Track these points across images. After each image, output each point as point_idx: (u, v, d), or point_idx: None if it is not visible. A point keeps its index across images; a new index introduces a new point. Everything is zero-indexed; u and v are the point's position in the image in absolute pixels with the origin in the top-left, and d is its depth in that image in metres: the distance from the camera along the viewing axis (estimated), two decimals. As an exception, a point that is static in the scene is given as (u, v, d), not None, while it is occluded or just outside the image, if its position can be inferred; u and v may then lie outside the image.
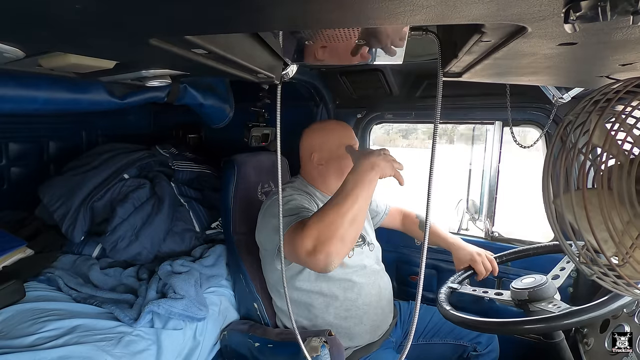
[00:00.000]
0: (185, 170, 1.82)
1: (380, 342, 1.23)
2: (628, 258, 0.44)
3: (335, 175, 1.21)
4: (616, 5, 0.29)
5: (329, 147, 1.21)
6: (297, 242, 0.89)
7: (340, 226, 0.88)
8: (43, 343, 0.98)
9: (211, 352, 1.29)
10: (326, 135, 1.22)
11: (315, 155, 1.21)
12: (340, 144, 1.19)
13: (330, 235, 0.87)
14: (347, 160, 1.18)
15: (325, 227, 0.88)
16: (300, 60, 0.81)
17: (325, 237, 0.87)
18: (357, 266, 1.19)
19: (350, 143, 1.20)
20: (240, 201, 1.40)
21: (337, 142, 1.20)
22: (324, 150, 1.21)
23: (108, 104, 1.18)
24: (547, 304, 0.91)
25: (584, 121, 0.47)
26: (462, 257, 1.23)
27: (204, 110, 1.62)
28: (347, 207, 0.90)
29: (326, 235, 0.88)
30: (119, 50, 0.57)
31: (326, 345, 1.00)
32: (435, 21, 0.38)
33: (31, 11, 0.32)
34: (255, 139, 1.67)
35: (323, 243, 0.87)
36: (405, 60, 0.81)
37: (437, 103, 0.60)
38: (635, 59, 0.51)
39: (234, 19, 0.38)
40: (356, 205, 0.91)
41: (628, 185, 0.42)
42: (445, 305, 1.02)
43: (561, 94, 1.02)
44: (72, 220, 1.47)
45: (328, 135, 1.22)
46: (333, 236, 0.87)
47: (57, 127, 1.85)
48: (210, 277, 1.40)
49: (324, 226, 0.89)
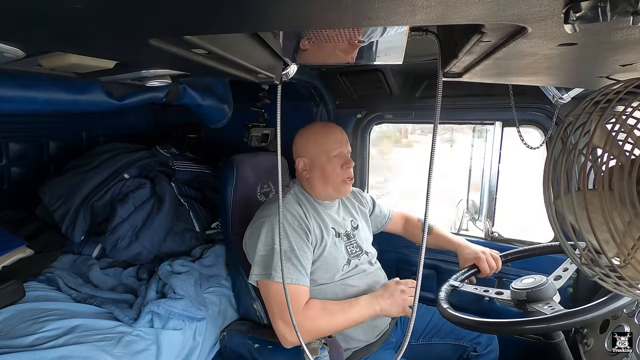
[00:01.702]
0: (186, 170, 1.81)
1: (381, 343, 1.23)
2: (629, 259, 0.44)
3: (319, 182, 1.18)
4: (616, 6, 0.29)
5: (311, 154, 1.18)
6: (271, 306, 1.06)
7: (326, 330, 1.04)
8: (43, 343, 0.98)
9: (211, 353, 1.29)
10: (309, 141, 1.19)
11: (300, 162, 1.20)
12: (324, 149, 1.16)
13: (310, 330, 1.02)
14: (331, 168, 1.16)
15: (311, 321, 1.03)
16: (301, 60, 0.81)
17: (305, 330, 1.00)
18: (355, 271, 1.20)
19: (333, 148, 1.16)
20: (240, 202, 1.40)
21: (320, 148, 1.17)
22: (307, 156, 1.18)
23: (106, 105, 1.18)
24: (543, 305, 0.91)
25: (584, 122, 0.47)
26: (467, 256, 1.23)
27: (203, 110, 1.62)
28: (341, 324, 1.06)
29: (306, 328, 1.01)
30: (119, 50, 0.57)
31: (325, 347, 1.01)
32: (435, 21, 0.38)
33: (31, 11, 0.32)
34: (255, 139, 1.67)
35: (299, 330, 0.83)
36: (405, 60, 0.82)
37: (437, 103, 0.60)
38: (636, 60, 0.51)
39: (234, 19, 0.38)
40: (347, 325, 1.08)
41: (629, 186, 0.42)
42: (445, 306, 1.01)
43: (561, 94, 1.02)
44: (72, 220, 1.47)
45: (311, 141, 1.19)
46: (312, 331, 1.03)
47: (57, 127, 1.85)
48: (209, 277, 1.40)
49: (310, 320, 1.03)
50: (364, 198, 1.43)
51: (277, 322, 1.04)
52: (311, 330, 1.02)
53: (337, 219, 1.25)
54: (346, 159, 1.18)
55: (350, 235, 1.26)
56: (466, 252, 1.24)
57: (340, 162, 1.17)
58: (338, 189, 1.19)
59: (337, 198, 1.28)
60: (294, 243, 1.08)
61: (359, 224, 1.32)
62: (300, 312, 1.02)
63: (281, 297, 1.01)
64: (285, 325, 1.03)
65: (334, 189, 1.19)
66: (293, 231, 1.10)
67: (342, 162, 1.17)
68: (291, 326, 0.89)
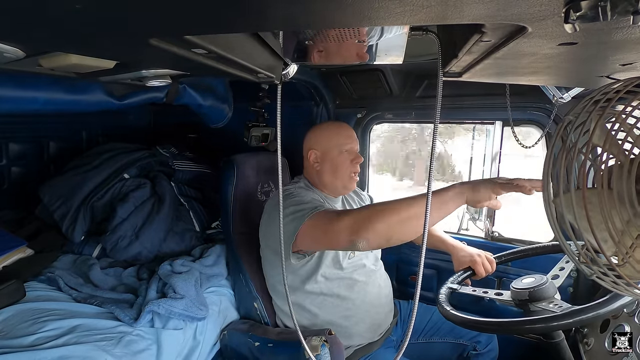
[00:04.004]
0: (186, 170, 1.81)
1: (382, 341, 1.23)
2: (628, 258, 0.44)
3: (329, 174, 1.22)
4: (616, 5, 0.29)
5: (324, 147, 1.23)
6: (334, 218, 0.95)
7: (388, 219, 0.89)
8: (43, 343, 0.97)
9: (211, 352, 1.29)
10: (323, 135, 1.25)
11: (312, 154, 1.23)
12: (337, 144, 1.22)
13: (372, 220, 0.89)
14: (341, 161, 1.21)
15: (375, 212, 0.91)
16: (301, 60, 0.81)
17: (369, 220, 0.89)
18: (356, 265, 1.20)
19: (345, 143, 1.22)
20: (240, 201, 1.40)
21: (333, 142, 1.22)
22: (320, 149, 1.23)
23: (106, 105, 1.18)
24: (547, 304, 0.91)
25: (584, 121, 0.47)
26: (462, 259, 1.24)
27: (203, 110, 1.62)
28: (405, 207, 0.89)
29: (371, 218, 0.89)
30: (119, 50, 0.57)
31: (326, 344, 1.01)
32: (436, 21, 0.38)
33: (31, 11, 0.32)
34: (255, 138, 1.66)
35: (362, 226, 0.89)
36: (405, 60, 0.82)
37: (437, 103, 0.60)
38: (636, 59, 0.51)
39: (234, 18, 0.38)
40: (412, 211, 0.88)
41: (628, 185, 0.42)
42: (445, 305, 1.02)
43: (561, 93, 1.02)
44: (72, 220, 1.47)
45: (325, 135, 1.25)
46: (374, 222, 0.89)
47: (57, 127, 1.85)
48: (210, 276, 1.40)
49: (373, 211, 0.92)
50: (364, 196, 1.46)
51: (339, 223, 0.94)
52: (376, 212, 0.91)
53: None
54: (356, 155, 1.24)
55: None
56: (461, 254, 1.25)
57: (350, 157, 1.22)
58: (345, 184, 1.24)
59: (342, 194, 1.32)
60: (313, 197, 1.11)
61: None
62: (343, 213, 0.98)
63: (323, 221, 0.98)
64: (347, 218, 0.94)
65: (342, 183, 1.23)
66: (313, 195, 1.14)
67: (352, 158, 1.22)
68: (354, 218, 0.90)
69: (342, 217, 0.95)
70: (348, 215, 0.95)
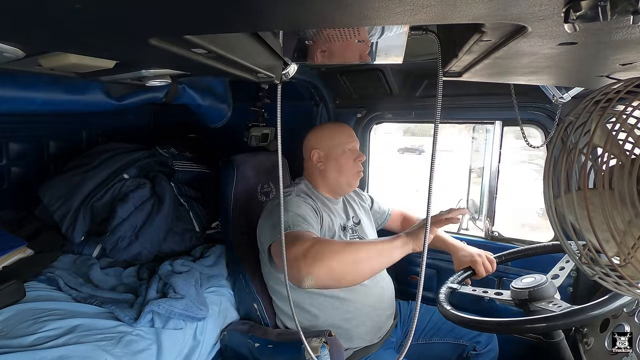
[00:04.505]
0: (185, 170, 1.81)
1: (381, 343, 1.23)
2: (630, 258, 0.44)
3: (334, 173, 1.24)
4: (616, 5, 0.29)
5: (327, 147, 1.24)
6: (290, 246, 0.91)
7: (339, 257, 0.91)
8: (43, 343, 0.97)
9: (211, 352, 1.29)
10: (326, 135, 1.26)
11: (315, 154, 1.24)
12: (339, 142, 1.23)
13: (324, 256, 0.89)
14: (344, 159, 1.22)
15: (325, 247, 0.92)
16: (301, 59, 0.81)
17: (320, 255, 0.90)
18: None
19: (348, 142, 1.24)
20: (240, 201, 1.40)
21: (335, 141, 1.24)
22: (323, 149, 1.24)
23: (106, 105, 1.18)
24: (547, 304, 0.91)
25: (584, 121, 0.47)
26: (462, 258, 1.23)
27: (202, 110, 1.62)
28: (358, 250, 0.95)
29: (321, 253, 0.90)
30: (118, 50, 0.57)
31: (326, 345, 1.00)
32: (435, 21, 0.38)
33: (31, 11, 0.32)
34: (254, 138, 1.67)
35: (314, 258, 0.89)
36: (405, 59, 0.82)
37: (437, 103, 0.60)
38: (636, 59, 0.51)
39: (234, 18, 0.38)
40: (365, 254, 0.95)
41: (629, 185, 0.42)
42: (445, 305, 1.02)
43: (561, 93, 1.02)
44: (72, 220, 1.47)
45: (327, 135, 1.26)
46: (326, 258, 0.89)
47: (57, 127, 1.85)
48: (210, 276, 1.40)
49: (325, 247, 0.93)
50: (364, 195, 1.47)
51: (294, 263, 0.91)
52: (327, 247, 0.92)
53: (342, 215, 1.29)
54: (358, 153, 1.26)
55: (354, 230, 1.29)
56: (461, 254, 1.24)
57: (353, 156, 1.24)
58: (350, 182, 1.25)
59: (345, 193, 1.33)
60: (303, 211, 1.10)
61: (360, 219, 1.35)
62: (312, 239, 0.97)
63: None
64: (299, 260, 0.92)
65: (347, 180, 1.25)
66: (306, 206, 1.13)
67: (355, 156, 1.24)
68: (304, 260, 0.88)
69: (298, 245, 0.92)
70: (303, 246, 0.92)
